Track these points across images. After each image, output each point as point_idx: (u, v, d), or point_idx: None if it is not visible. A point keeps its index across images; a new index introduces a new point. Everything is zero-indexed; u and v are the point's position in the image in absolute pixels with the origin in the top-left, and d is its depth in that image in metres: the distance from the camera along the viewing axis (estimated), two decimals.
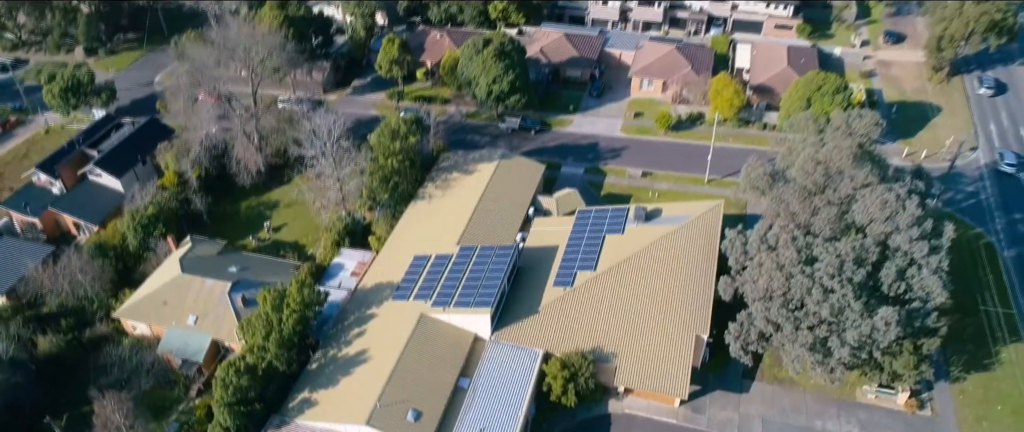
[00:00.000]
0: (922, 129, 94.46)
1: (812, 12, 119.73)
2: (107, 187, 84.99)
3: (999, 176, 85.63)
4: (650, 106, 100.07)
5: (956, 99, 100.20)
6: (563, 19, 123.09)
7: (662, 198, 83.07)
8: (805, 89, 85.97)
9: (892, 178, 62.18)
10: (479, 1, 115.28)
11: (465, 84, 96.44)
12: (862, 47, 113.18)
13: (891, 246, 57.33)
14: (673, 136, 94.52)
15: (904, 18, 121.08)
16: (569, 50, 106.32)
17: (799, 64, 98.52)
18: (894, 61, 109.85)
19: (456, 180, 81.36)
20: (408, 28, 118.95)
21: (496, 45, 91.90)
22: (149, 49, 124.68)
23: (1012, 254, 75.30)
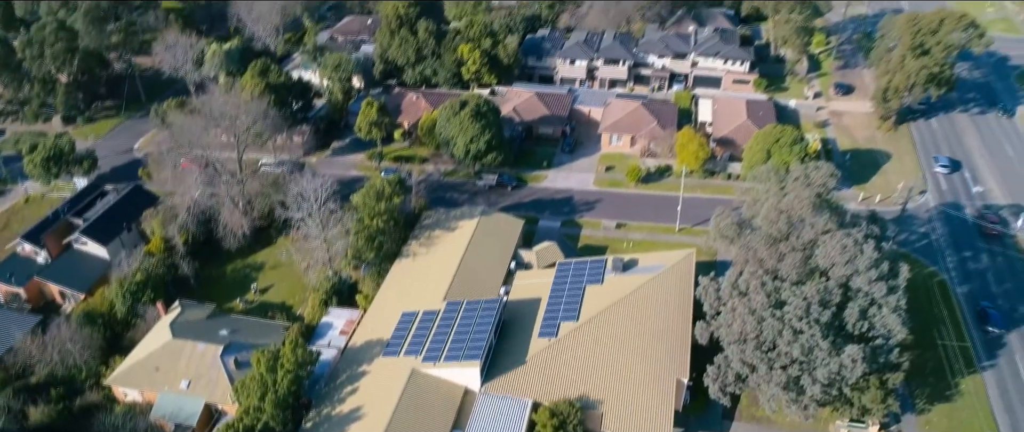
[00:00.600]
0: (875, 174, 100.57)
1: (767, 67, 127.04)
2: (93, 255, 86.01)
3: (948, 217, 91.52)
4: (620, 160, 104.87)
5: (904, 145, 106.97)
6: (533, 78, 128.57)
7: (637, 248, 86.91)
8: (765, 141, 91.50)
9: (850, 223, 66.77)
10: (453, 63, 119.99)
11: (443, 144, 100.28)
12: (815, 99, 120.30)
13: (852, 287, 61.52)
14: (643, 188, 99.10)
15: (852, 70, 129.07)
16: (541, 108, 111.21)
17: (758, 117, 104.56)
18: (845, 111, 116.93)
19: (439, 237, 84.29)
20: (384, 91, 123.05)
21: (472, 107, 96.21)
22: (127, 116, 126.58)
23: (964, 290, 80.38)
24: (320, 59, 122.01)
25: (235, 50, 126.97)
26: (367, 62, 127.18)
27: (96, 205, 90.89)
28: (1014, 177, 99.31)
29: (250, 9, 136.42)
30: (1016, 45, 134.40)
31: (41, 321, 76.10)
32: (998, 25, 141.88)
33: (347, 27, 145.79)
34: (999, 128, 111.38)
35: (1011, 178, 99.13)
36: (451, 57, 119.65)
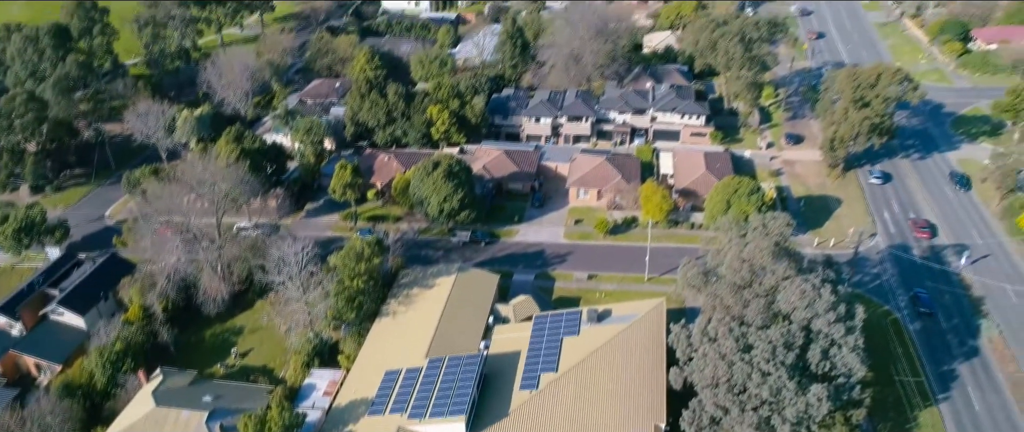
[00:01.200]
0: (828, 220, 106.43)
1: (721, 120, 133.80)
2: (70, 326, 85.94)
3: (898, 259, 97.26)
4: (588, 213, 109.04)
5: (853, 191, 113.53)
6: (500, 136, 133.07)
7: (609, 298, 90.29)
8: (725, 192, 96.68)
9: (808, 269, 71.32)
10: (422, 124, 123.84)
11: (418, 203, 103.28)
12: (768, 149, 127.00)
13: (814, 330, 65.60)
14: (612, 240, 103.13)
15: (801, 121, 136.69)
16: (509, 166, 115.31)
17: (716, 168, 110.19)
18: (797, 160, 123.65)
19: (417, 295, 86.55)
20: (356, 152, 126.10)
21: (445, 167, 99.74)
22: (97, 184, 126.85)
23: (916, 327, 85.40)
24: (292, 123, 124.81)
25: (206, 116, 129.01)
26: (338, 124, 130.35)
27: (72, 275, 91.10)
28: (955, 219, 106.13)
29: (220, 75, 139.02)
30: (948, 94, 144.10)
31: (19, 395, 75.60)
32: (931, 76, 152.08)
33: (316, 90, 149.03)
34: (937, 170, 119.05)
35: (953, 220, 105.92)
36: (421, 118, 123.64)
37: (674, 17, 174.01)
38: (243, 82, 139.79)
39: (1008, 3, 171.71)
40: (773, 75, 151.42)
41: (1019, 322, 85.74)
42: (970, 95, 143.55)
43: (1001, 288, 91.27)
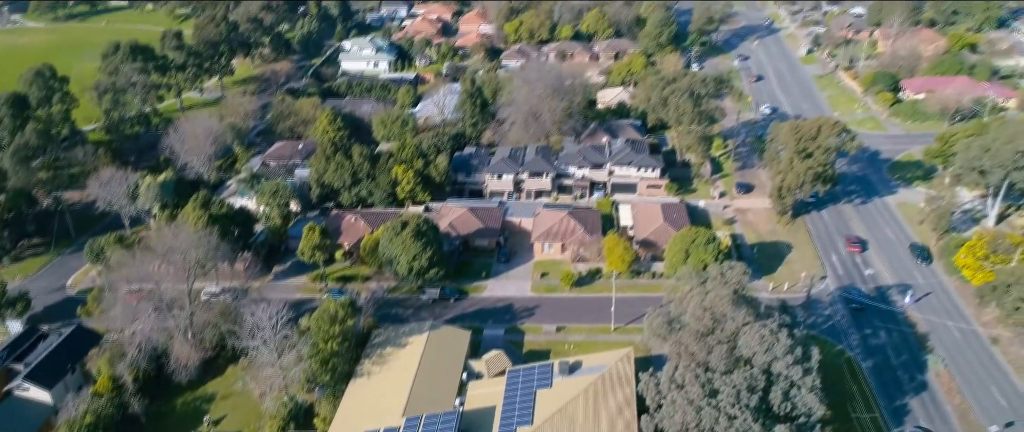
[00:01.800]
0: (780, 265, 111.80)
1: (675, 171, 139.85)
2: (35, 401, 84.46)
3: (848, 302, 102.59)
4: (553, 266, 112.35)
5: (802, 237, 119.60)
6: (463, 193, 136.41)
7: (577, 349, 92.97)
8: (683, 242, 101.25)
9: (765, 314, 75.47)
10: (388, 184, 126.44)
11: (387, 263, 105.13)
12: (720, 198, 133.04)
13: (774, 372, 69.32)
14: (577, 291, 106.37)
15: (750, 170, 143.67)
16: (475, 222, 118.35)
17: (673, 219, 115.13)
18: (748, 208, 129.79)
19: (391, 354, 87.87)
20: (322, 213, 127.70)
21: (413, 226, 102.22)
22: (57, 253, 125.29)
23: (869, 365, 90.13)
24: (258, 186, 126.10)
25: (169, 182, 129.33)
26: (303, 186, 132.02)
27: (37, 348, 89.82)
28: (896, 259, 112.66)
29: (182, 140, 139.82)
30: (884, 141, 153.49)
31: None
32: (867, 124, 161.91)
33: (279, 152, 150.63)
34: (878, 214, 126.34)
35: (895, 260, 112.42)
36: (386, 178, 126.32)
37: (625, 74, 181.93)
38: (206, 146, 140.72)
39: (932, 55, 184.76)
40: (721, 127, 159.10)
41: (962, 356, 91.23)
42: (904, 141, 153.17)
43: (944, 325, 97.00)
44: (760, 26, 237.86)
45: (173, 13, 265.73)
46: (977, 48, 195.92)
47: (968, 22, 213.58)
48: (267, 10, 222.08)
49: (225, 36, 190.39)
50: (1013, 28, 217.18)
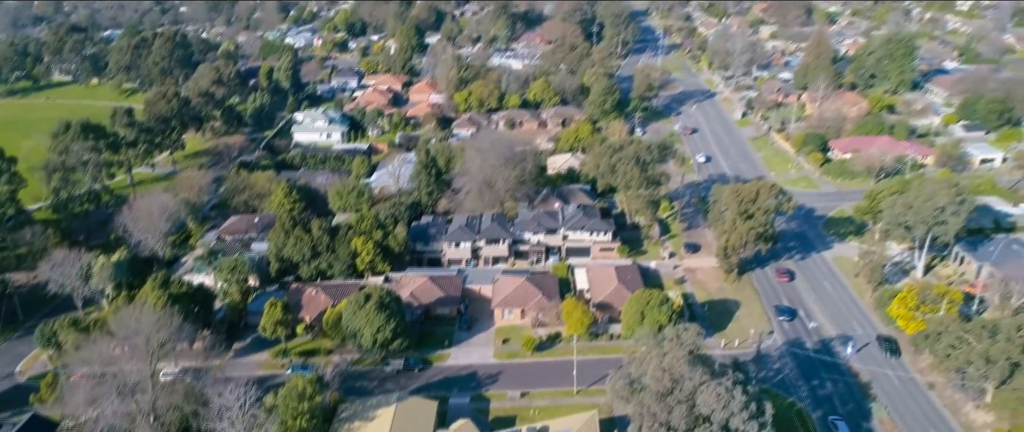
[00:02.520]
0: (730, 322, 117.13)
1: (626, 234, 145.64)
2: None
3: (795, 355, 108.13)
4: (514, 332, 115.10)
5: (748, 293, 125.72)
6: (422, 262, 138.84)
7: (542, 414, 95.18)
8: (638, 305, 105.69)
9: (720, 372, 79.68)
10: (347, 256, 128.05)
11: (350, 335, 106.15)
12: (670, 258, 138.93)
13: (731, 428, 73.10)
14: (539, 356, 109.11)
15: (696, 230, 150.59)
16: (435, 291, 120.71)
17: (627, 280, 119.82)
18: (697, 267, 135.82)
19: (359, 428, 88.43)
20: (281, 287, 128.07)
21: (376, 299, 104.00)
22: (4, 339, 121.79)
23: (818, 415, 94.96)
24: (215, 262, 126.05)
25: (123, 261, 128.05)
26: (261, 261, 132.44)
27: None
28: (837, 312, 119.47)
29: (135, 217, 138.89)
30: (817, 198, 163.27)
31: None
32: (800, 183, 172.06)
33: (234, 226, 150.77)
34: (817, 268, 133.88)
35: (835, 313, 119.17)
36: (346, 250, 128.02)
37: (573, 140, 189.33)
38: (160, 223, 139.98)
39: (856, 117, 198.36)
40: (667, 189, 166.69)
41: (903, 403, 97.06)
42: (835, 199, 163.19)
43: (885, 374, 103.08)
44: (697, 91, 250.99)
45: (120, 88, 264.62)
46: (895, 109, 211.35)
47: (885, 85, 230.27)
48: (218, 84, 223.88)
49: (177, 111, 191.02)
50: (925, 89, 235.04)
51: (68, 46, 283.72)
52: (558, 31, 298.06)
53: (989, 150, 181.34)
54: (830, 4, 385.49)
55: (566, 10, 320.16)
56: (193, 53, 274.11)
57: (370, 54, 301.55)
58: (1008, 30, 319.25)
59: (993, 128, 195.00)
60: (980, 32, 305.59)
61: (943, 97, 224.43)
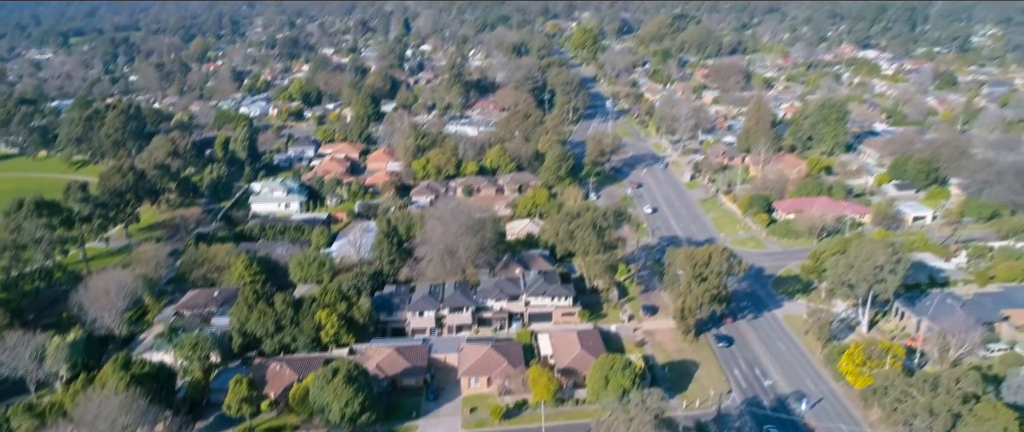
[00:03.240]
0: (690, 382, 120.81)
1: (586, 298, 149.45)
2: None
3: (754, 414, 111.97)
4: (481, 400, 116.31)
5: (706, 354, 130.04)
6: (386, 332, 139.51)
7: None
8: (602, 369, 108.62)
9: None
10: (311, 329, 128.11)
11: (318, 411, 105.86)
12: (629, 321, 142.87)
13: None
14: (507, 424, 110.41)
15: (653, 293, 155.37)
16: (401, 362, 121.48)
17: (589, 345, 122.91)
18: (655, 329, 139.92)
19: None
20: (244, 362, 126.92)
21: (344, 373, 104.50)
22: None
23: None
24: (176, 340, 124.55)
25: (79, 340, 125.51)
26: (223, 336, 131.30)
27: None
28: (790, 369, 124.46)
29: (90, 295, 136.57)
30: (765, 258, 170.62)
31: None
32: (748, 243, 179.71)
33: (193, 301, 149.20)
34: (769, 327, 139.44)
35: (788, 370, 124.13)
36: (310, 323, 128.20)
37: (530, 206, 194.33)
38: (116, 300, 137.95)
39: (796, 178, 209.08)
40: (623, 252, 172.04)
41: None
42: (782, 258, 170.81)
43: (838, 428, 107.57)
44: (647, 155, 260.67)
45: (70, 160, 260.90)
46: (832, 170, 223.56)
47: (821, 147, 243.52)
48: (174, 156, 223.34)
49: (132, 184, 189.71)
50: (859, 151, 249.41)
51: (16, 118, 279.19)
52: (511, 99, 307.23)
53: (920, 208, 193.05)
54: (766, 70, 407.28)
55: (518, 78, 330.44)
56: (146, 124, 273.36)
57: (326, 123, 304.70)
58: (930, 93, 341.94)
59: (922, 187, 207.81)
60: (905, 95, 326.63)
61: (875, 158, 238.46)
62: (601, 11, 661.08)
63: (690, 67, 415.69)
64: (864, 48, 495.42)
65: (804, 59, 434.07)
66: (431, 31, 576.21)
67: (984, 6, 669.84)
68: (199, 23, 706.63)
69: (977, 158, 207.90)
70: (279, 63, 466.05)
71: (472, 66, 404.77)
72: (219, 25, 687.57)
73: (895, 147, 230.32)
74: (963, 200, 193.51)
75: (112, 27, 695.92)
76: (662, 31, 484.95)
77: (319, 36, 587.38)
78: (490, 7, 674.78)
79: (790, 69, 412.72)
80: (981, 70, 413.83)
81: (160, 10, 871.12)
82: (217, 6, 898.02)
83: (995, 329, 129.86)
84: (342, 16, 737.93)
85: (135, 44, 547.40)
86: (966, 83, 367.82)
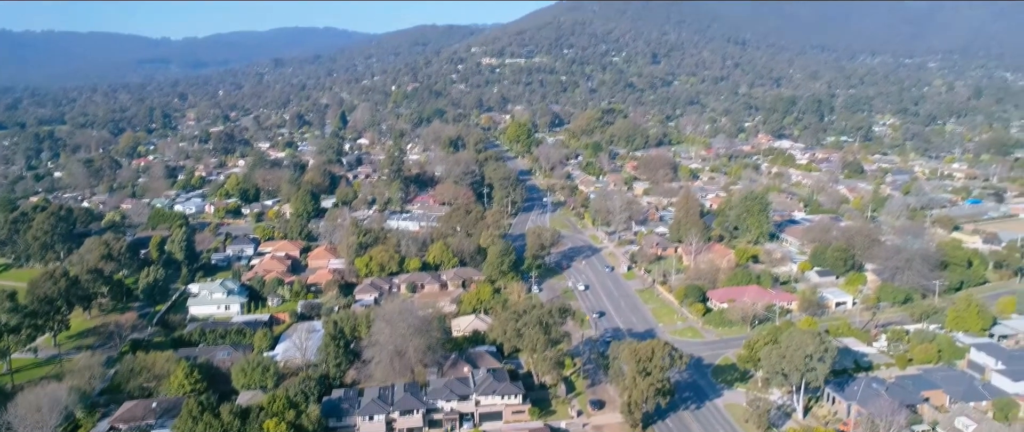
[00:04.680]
0: None
1: (534, 394, 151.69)
2: None
3: None
4: None
5: None
6: None
7: None
8: None
9: None
10: None
11: None
12: (578, 417, 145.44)
13: None
14: None
15: (600, 386, 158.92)
16: None
17: None
18: (604, 424, 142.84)
19: None
20: None
21: None
22: None
23: None
24: None
25: None
26: None
27: None
28: None
29: (22, 417, 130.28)
30: (703, 347, 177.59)
31: None
32: (686, 333, 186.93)
33: (130, 414, 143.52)
34: (711, 416, 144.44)
35: None
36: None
37: (475, 302, 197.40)
38: (48, 418, 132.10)
39: (727, 268, 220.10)
40: (568, 345, 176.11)
41: None
42: (719, 347, 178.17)
43: None
44: (584, 247, 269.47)
45: None
46: (758, 259, 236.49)
47: (747, 236, 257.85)
48: (107, 259, 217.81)
49: (64, 291, 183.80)
50: (781, 239, 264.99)
51: None
52: (450, 193, 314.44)
53: (841, 294, 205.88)
54: (691, 162, 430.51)
55: (457, 173, 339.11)
56: (76, 225, 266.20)
57: (265, 220, 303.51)
58: (841, 182, 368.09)
59: (841, 273, 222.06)
60: (818, 184, 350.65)
61: (797, 246, 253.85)
62: (533, 104, 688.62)
63: (620, 159, 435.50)
64: (779, 138, 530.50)
65: (725, 150, 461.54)
66: (368, 124, 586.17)
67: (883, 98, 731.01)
68: (129, 116, 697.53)
69: (887, 245, 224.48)
70: (213, 158, 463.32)
71: (410, 160, 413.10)
72: (150, 118, 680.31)
73: (814, 235, 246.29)
74: (878, 286, 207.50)
75: (35, 121, 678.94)
76: (592, 125, 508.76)
77: (254, 130, 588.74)
78: (426, 100, 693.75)
79: (713, 160, 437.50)
80: (884, 158, 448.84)
81: (87, 103, 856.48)
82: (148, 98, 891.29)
83: (918, 411, 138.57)
84: (277, 109, 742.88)
85: (61, 139, 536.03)
86: (872, 171, 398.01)
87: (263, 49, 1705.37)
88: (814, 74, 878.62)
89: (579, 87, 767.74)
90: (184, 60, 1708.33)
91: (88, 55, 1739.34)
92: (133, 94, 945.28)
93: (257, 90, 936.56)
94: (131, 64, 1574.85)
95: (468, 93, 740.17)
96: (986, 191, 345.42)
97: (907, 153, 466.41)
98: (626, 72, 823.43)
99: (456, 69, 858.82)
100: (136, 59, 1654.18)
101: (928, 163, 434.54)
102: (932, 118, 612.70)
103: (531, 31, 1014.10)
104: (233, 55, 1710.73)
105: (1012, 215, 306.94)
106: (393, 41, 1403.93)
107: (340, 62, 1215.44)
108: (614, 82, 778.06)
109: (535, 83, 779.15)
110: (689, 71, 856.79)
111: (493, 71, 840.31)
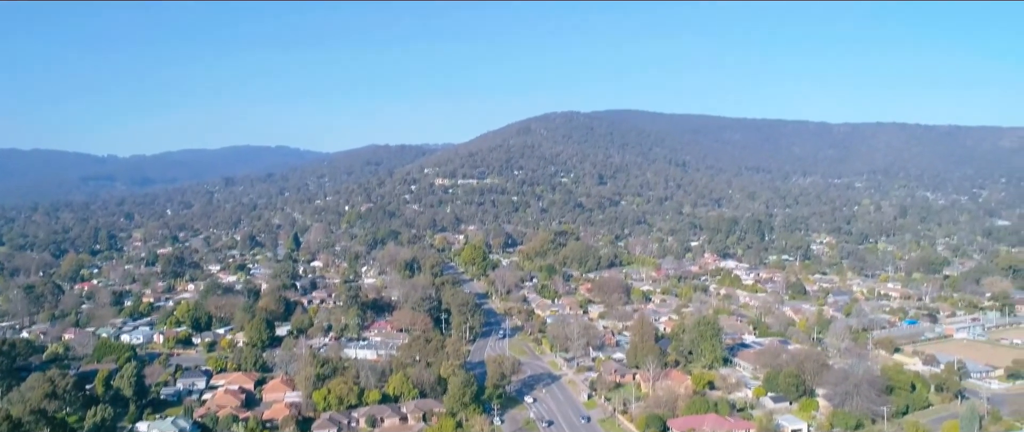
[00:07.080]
0: None
1: None
2: None
3: None
4: None
5: None
6: None
7: None
8: None
9: None
10: None
11: None
12: None
13: None
14: None
15: None
16: None
17: None
18: None
19: None
20: None
21: None
22: None
23: None
24: None
25: None
26: None
27: None
28: None
29: None
30: None
31: None
32: None
33: None
34: None
35: None
36: None
37: None
38: None
39: (685, 394, 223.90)
40: None
41: None
42: None
43: None
44: (544, 374, 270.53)
45: None
46: (714, 385, 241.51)
47: (702, 361, 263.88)
48: (52, 397, 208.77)
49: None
50: (734, 364, 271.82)
51: None
52: (408, 319, 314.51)
53: (796, 421, 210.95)
54: (643, 283, 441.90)
55: (414, 299, 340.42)
56: (16, 360, 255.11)
57: (217, 350, 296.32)
58: (786, 303, 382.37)
59: (793, 399, 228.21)
60: (765, 306, 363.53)
61: (750, 370, 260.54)
62: (486, 224, 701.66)
63: (574, 281, 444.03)
64: (724, 257, 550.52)
65: (674, 271, 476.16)
66: (322, 246, 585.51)
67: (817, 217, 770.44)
68: (72, 237, 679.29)
69: (836, 369, 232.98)
70: (161, 282, 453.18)
71: (366, 283, 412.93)
72: (94, 239, 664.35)
73: (765, 359, 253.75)
74: (830, 412, 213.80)
75: None
76: (545, 247, 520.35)
77: (204, 252, 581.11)
78: (380, 220, 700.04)
79: (663, 281, 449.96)
80: (824, 278, 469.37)
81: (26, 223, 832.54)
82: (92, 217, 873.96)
83: None
84: (228, 230, 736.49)
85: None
86: (814, 291, 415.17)
87: (213, 167, 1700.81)
88: (752, 194, 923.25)
89: (530, 207, 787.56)
90: (131, 177, 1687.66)
91: (30, 172, 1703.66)
92: (77, 213, 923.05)
93: (207, 209, 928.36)
94: (75, 181, 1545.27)
95: (422, 213, 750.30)
96: (921, 311, 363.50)
97: (845, 272, 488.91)
98: (575, 192, 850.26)
99: (409, 189, 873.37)
100: (80, 176, 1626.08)
101: (865, 282, 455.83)
102: (864, 236, 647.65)
103: (482, 153, 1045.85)
104: (182, 173, 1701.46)
105: (946, 336, 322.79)
106: (346, 160, 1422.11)
107: (292, 181, 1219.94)
108: (564, 202, 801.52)
109: (487, 203, 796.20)
110: (635, 191, 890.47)
111: (446, 191, 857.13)
